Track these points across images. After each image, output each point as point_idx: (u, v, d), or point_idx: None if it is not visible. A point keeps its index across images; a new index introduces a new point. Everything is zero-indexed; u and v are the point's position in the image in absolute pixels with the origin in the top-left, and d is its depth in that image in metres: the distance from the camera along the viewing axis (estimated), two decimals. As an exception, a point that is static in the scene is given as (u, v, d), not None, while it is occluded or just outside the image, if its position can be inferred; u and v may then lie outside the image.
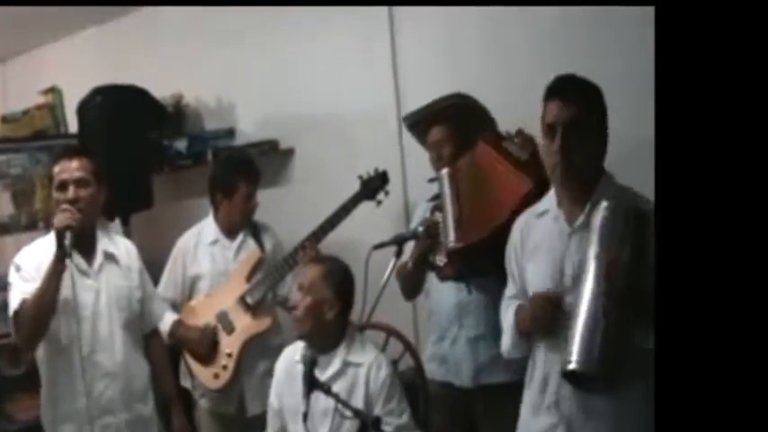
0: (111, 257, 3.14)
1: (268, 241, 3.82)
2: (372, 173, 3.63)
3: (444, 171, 3.03)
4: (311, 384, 2.66)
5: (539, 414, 2.35)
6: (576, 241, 2.27)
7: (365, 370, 2.89)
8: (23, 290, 2.94)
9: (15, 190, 4.94)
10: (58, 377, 3.03)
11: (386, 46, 4.06)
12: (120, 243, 3.26)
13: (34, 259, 3.01)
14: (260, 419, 3.24)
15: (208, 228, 3.83)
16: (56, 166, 3.05)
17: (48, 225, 4.30)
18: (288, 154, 4.47)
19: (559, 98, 2.28)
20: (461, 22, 3.80)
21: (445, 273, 3.06)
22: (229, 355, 3.64)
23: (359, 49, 4.17)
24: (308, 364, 2.68)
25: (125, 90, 4.45)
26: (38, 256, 3.01)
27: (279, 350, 3.24)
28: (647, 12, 1.92)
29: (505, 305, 2.51)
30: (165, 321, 3.58)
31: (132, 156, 4.32)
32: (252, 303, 3.66)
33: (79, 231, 2.91)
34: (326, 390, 2.66)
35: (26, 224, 4.76)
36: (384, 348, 3.24)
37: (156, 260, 3.82)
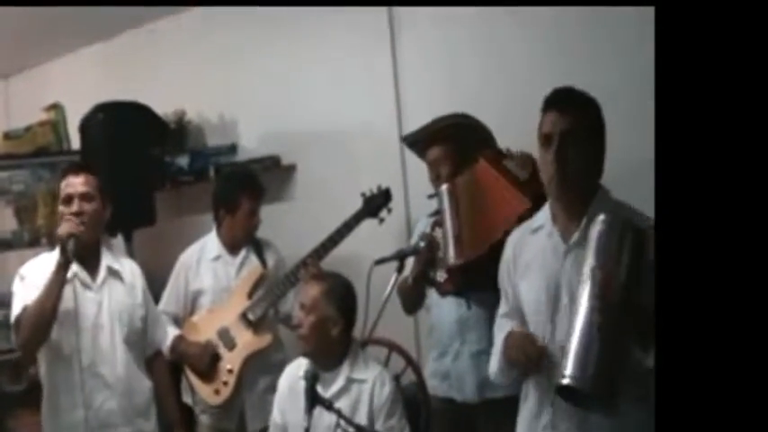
0: (114, 273, 3.18)
1: (270, 257, 3.83)
2: (375, 189, 3.64)
3: (444, 187, 3.04)
4: (314, 400, 2.66)
5: None
6: (572, 258, 2.24)
7: (369, 386, 2.91)
8: (26, 297, 2.99)
9: (18, 206, 4.95)
10: (59, 388, 3.06)
11: (387, 62, 4.10)
12: (124, 262, 3.30)
13: (39, 271, 3.05)
14: None
15: (210, 243, 3.84)
16: (63, 181, 3.11)
17: (51, 242, 4.32)
18: (290, 170, 4.49)
19: (557, 109, 2.27)
20: (462, 38, 3.83)
21: (445, 288, 3.08)
22: (230, 372, 3.64)
23: (360, 66, 4.20)
24: (310, 380, 2.68)
25: (127, 106, 4.46)
26: (43, 268, 3.04)
27: (280, 366, 3.25)
28: (648, 31, 1.91)
29: (498, 324, 2.47)
30: (168, 336, 3.59)
31: (134, 172, 4.32)
32: (253, 320, 3.67)
33: (82, 243, 2.97)
34: (329, 406, 2.66)
35: (29, 240, 4.76)
36: (386, 364, 3.24)
37: (159, 276, 3.83)
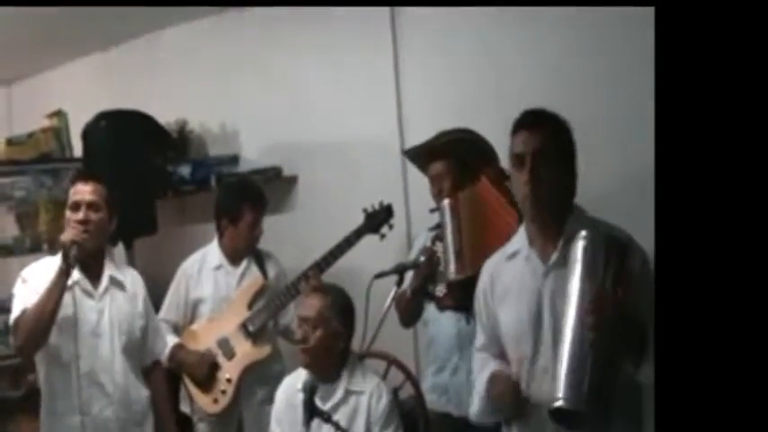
0: (116, 283, 3.19)
1: (271, 269, 3.84)
2: (376, 204, 3.64)
3: (446, 202, 3.06)
4: (312, 412, 2.67)
5: None
6: (552, 279, 2.22)
7: (366, 398, 2.92)
8: (26, 300, 3.00)
9: (19, 212, 4.95)
10: (57, 393, 3.07)
11: (389, 75, 4.12)
12: (126, 272, 3.31)
13: (41, 274, 3.06)
14: None
15: (212, 253, 3.84)
16: (72, 188, 3.13)
17: (52, 248, 4.33)
18: (291, 181, 4.51)
19: (527, 129, 2.26)
20: (465, 52, 3.85)
21: (445, 303, 3.10)
22: (229, 381, 3.65)
23: (363, 78, 4.22)
24: (308, 392, 2.70)
25: (129, 115, 4.48)
26: (45, 272, 3.05)
27: (278, 377, 3.26)
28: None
29: (477, 360, 2.43)
30: (167, 344, 3.59)
31: (136, 180, 4.34)
32: (253, 330, 3.68)
33: (85, 252, 2.99)
34: (326, 418, 2.67)
35: (30, 247, 4.75)
36: (385, 377, 3.25)
37: (160, 285, 3.84)
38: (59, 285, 2.94)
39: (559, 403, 2.03)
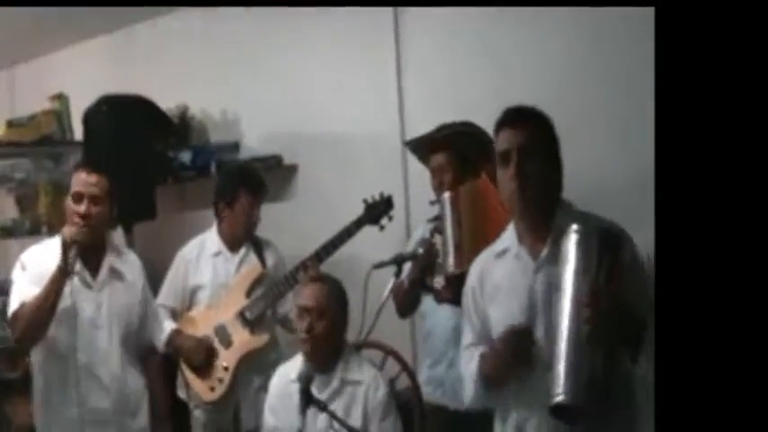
0: (116, 273, 3.17)
1: (270, 257, 3.84)
2: (376, 195, 3.63)
3: (446, 195, 3.03)
4: (308, 401, 2.67)
5: None
6: (543, 275, 2.22)
7: (363, 388, 2.93)
8: (25, 292, 2.99)
9: (19, 194, 4.98)
10: (54, 384, 3.07)
11: (391, 66, 4.12)
12: (126, 259, 3.28)
13: (41, 261, 3.05)
14: None
15: (211, 239, 3.84)
16: (74, 176, 3.10)
17: (51, 230, 4.33)
18: (291, 170, 4.51)
19: (510, 126, 2.28)
20: (466, 45, 3.85)
21: (443, 296, 3.08)
22: (226, 369, 3.66)
23: (365, 69, 4.22)
24: (305, 381, 2.70)
25: (131, 100, 4.48)
26: (44, 259, 3.04)
27: (275, 366, 3.26)
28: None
29: (466, 356, 2.42)
30: (164, 330, 3.60)
31: (136, 165, 4.34)
32: (251, 319, 3.68)
33: (86, 244, 2.97)
34: (323, 407, 2.68)
35: (30, 229, 4.77)
36: (381, 368, 3.26)
37: (158, 270, 3.85)
38: (58, 285, 2.92)
39: (559, 398, 2.03)
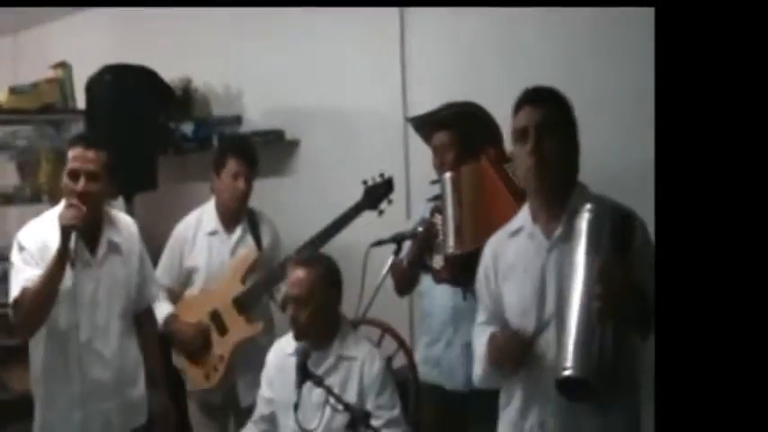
0: (113, 246, 3.12)
1: (266, 235, 3.80)
2: (377, 177, 3.54)
3: (447, 175, 3.03)
4: (304, 376, 2.68)
5: None
6: (556, 254, 2.25)
7: (359, 363, 2.94)
8: (25, 276, 2.93)
9: (21, 161, 4.96)
10: (54, 361, 3.04)
11: (395, 44, 4.11)
12: (122, 226, 3.21)
13: (38, 239, 3.00)
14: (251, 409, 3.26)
15: (207, 215, 3.79)
16: (71, 151, 3.01)
17: (52, 198, 4.33)
18: (293, 145, 4.51)
19: (530, 104, 2.29)
20: (472, 22, 3.83)
21: (442, 276, 3.08)
22: (221, 357, 3.65)
23: (368, 45, 4.21)
24: (302, 356, 2.70)
25: (134, 70, 4.47)
26: (41, 236, 3.00)
27: (270, 346, 3.24)
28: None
29: (477, 333, 2.45)
30: (161, 310, 3.60)
31: (138, 135, 4.35)
32: (246, 306, 3.66)
33: (84, 222, 2.90)
34: (318, 382, 2.69)
35: (30, 197, 4.76)
36: (378, 345, 3.28)
37: (158, 241, 3.86)
38: (59, 268, 2.87)
39: (568, 372, 2.05)
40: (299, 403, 2.70)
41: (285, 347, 3.03)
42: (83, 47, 5.25)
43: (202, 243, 3.77)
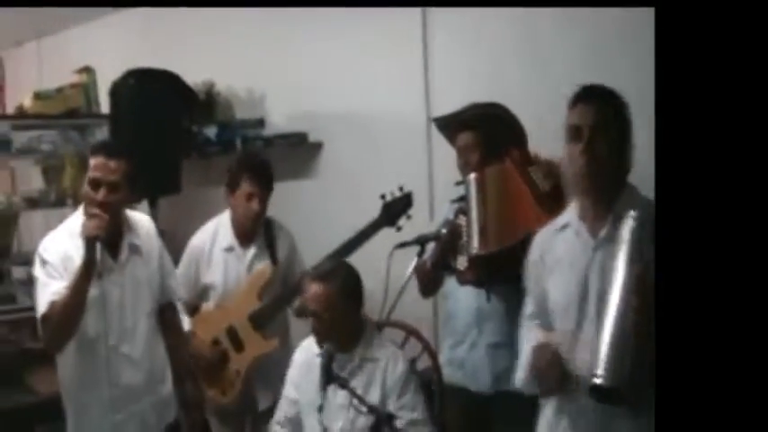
0: (134, 249, 3.11)
1: (282, 248, 3.74)
2: (396, 191, 3.49)
3: (472, 176, 3.03)
4: (328, 377, 2.69)
5: None
6: (601, 254, 2.25)
7: (382, 365, 2.93)
8: (51, 290, 2.90)
9: (45, 166, 5.00)
10: (85, 370, 3.03)
11: (418, 46, 4.09)
12: (140, 227, 3.19)
13: (59, 251, 2.98)
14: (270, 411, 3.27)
15: (223, 230, 3.74)
16: (92, 159, 2.98)
17: (76, 202, 4.35)
18: (316, 147, 4.51)
19: (586, 103, 2.29)
20: (494, 25, 3.81)
21: (466, 277, 3.08)
22: (237, 373, 3.64)
23: (391, 47, 4.20)
24: (327, 358, 2.72)
25: (158, 74, 4.49)
26: (62, 247, 2.98)
27: (286, 359, 3.24)
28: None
29: (525, 327, 2.47)
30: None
31: (162, 139, 4.37)
32: (262, 323, 3.63)
33: (106, 231, 2.89)
34: (343, 384, 2.70)
35: (55, 201, 4.80)
36: (403, 347, 3.27)
37: (181, 244, 3.85)
38: (85, 280, 2.85)
39: (599, 381, 2.07)
40: (324, 405, 2.70)
41: (312, 347, 3.03)
42: (106, 51, 5.29)
43: (218, 258, 3.72)
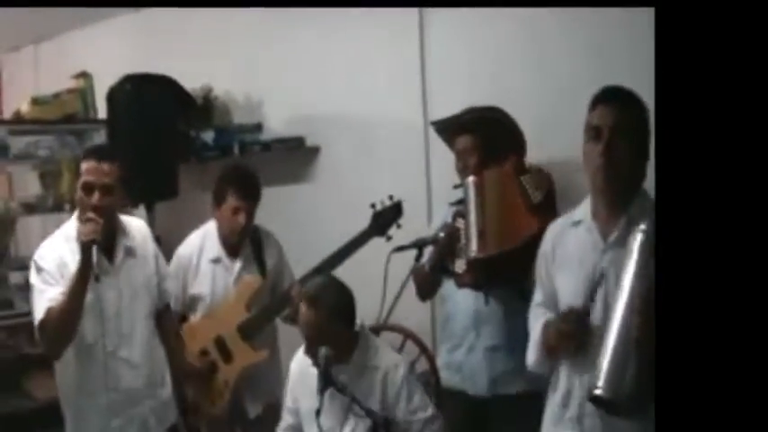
0: (129, 252, 3.11)
1: (270, 258, 3.71)
2: (387, 200, 3.45)
3: (470, 179, 3.04)
4: (326, 382, 2.68)
5: (560, 426, 2.34)
6: (610, 256, 2.26)
7: (382, 373, 2.90)
8: (48, 296, 2.91)
9: (43, 171, 5.00)
10: (82, 372, 3.03)
11: (415, 49, 4.09)
12: (134, 230, 3.18)
13: (54, 257, 2.98)
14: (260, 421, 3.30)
15: (210, 242, 3.69)
16: (84, 163, 2.99)
17: (74, 207, 4.32)
18: (314, 151, 4.50)
19: (607, 104, 2.29)
20: (491, 25, 3.80)
21: (464, 280, 3.08)
22: (226, 383, 3.61)
23: (388, 49, 4.19)
24: (325, 362, 2.70)
25: (155, 79, 4.50)
26: (57, 253, 2.98)
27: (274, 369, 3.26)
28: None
29: (534, 314, 2.49)
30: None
31: (159, 144, 4.37)
32: (250, 333, 3.60)
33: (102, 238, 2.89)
34: (341, 388, 2.68)
35: (52, 206, 4.81)
36: (400, 351, 3.26)
37: (177, 248, 3.84)
38: (82, 285, 2.86)
39: (598, 392, 2.10)
40: (322, 409, 2.69)
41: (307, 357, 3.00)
42: (104, 57, 5.29)
43: (206, 269, 3.68)
